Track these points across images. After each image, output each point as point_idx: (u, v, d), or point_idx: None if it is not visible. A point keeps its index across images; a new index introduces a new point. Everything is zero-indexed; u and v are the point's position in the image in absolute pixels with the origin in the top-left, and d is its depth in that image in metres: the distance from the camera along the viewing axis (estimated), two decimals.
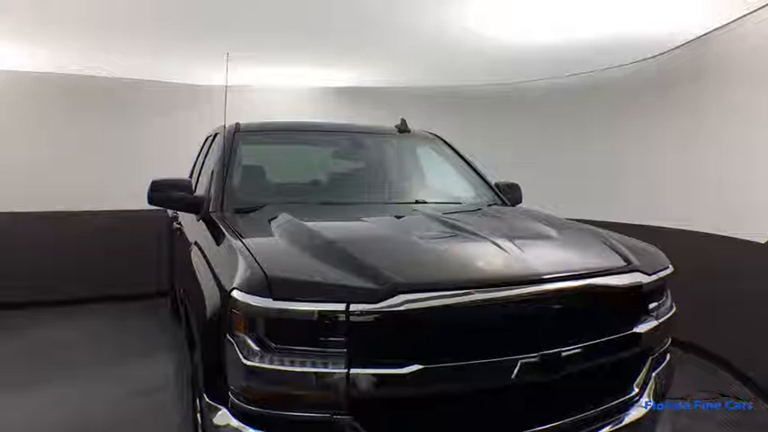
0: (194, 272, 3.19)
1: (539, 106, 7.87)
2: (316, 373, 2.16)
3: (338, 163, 4.77)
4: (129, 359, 5.60)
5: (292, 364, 2.17)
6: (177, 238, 4.76)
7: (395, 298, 2.17)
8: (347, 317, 2.16)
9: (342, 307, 2.16)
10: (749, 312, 4.88)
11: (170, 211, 5.65)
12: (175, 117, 7.92)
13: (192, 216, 3.85)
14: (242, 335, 2.24)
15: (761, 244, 4.77)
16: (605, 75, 7.06)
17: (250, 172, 4.18)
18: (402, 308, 2.16)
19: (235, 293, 2.28)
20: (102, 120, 7.66)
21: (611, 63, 6.79)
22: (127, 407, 4.58)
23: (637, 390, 2.80)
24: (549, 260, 2.68)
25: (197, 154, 5.69)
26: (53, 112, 7.46)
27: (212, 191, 3.70)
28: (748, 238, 4.93)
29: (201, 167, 5.01)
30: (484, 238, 2.82)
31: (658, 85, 6.37)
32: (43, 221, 7.27)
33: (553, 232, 3.11)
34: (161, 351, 5.82)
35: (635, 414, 2.75)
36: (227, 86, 3.82)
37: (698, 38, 5.62)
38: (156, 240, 6.84)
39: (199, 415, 2.97)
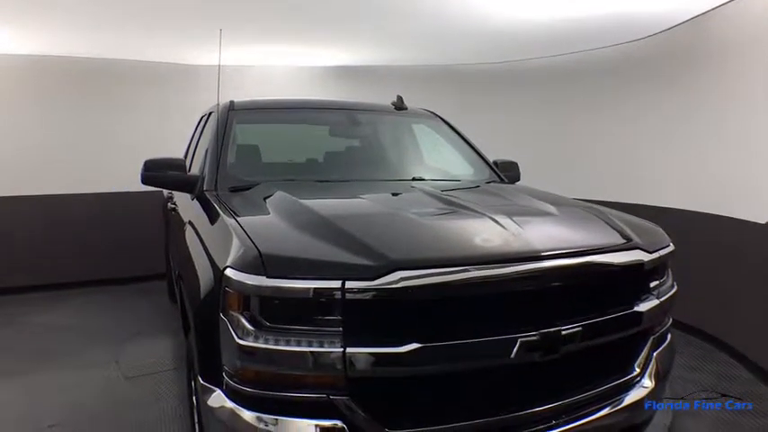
0: (188, 251, 3.14)
1: (538, 85, 7.78)
2: (311, 352, 2.12)
3: (334, 140, 4.70)
4: (125, 342, 5.57)
5: (287, 343, 2.12)
6: (172, 219, 4.72)
7: (392, 275, 2.12)
8: (343, 294, 2.10)
9: (337, 284, 2.10)
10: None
11: (165, 192, 5.61)
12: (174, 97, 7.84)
13: (187, 195, 3.80)
14: (236, 314, 2.19)
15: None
16: (605, 53, 6.98)
17: (245, 150, 4.13)
18: (399, 285, 2.11)
19: (228, 272, 2.23)
20: (94, 102, 7.57)
21: (612, 41, 6.72)
22: (122, 390, 4.56)
23: (638, 370, 2.77)
24: (549, 237, 2.62)
25: (191, 133, 5.63)
26: (40, 96, 7.35)
27: (206, 169, 3.65)
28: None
29: (196, 147, 4.96)
30: (482, 214, 2.77)
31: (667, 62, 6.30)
32: (34, 205, 7.22)
33: (552, 209, 3.05)
34: (158, 334, 5.80)
35: (636, 395, 2.72)
36: (219, 64, 3.76)
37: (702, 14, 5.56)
38: (153, 222, 6.81)
39: (194, 397, 2.94)
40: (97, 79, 7.51)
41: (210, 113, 4.51)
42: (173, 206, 4.66)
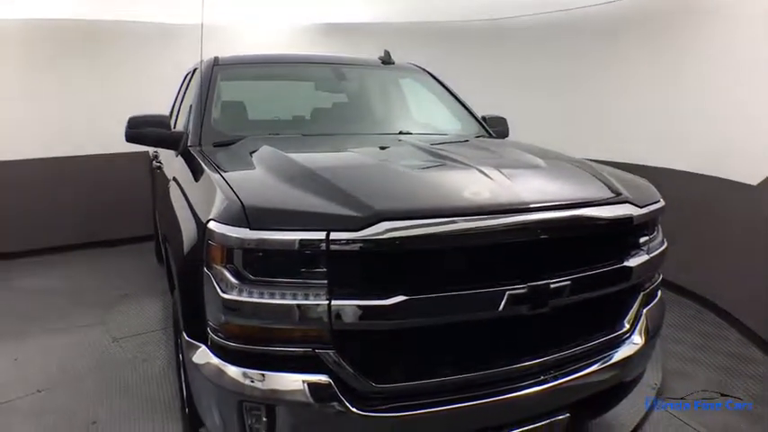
0: (172, 208, 3.09)
1: (527, 42, 7.65)
2: (296, 305, 2.08)
3: (321, 96, 4.62)
4: (112, 305, 5.54)
5: (272, 296, 2.09)
6: (157, 177, 4.66)
7: (377, 226, 2.08)
8: (328, 246, 2.06)
9: (322, 236, 2.06)
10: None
11: (150, 151, 5.53)
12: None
13: (171, 153, 3.74)
14: (219, 267, 2.15)
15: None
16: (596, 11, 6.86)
17: (229, 104, 4.06)
18: (385, 236, 2.06)
19: (211, 224, 2.19)
20: (78, 64, 7.39)
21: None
22: (110, 352, 4.55)
23: (627, 326, 2.75)
24: (538, 189, 2.57)
25: (176, 91, 5.53)
26: (22, 60, 7.16)
27: (190, 125, 3.59)
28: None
29: (180, 105, 4.88)
30: (470, 166, 2.72)
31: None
32: (19, 170, 7.09)
33: (541, 162, 2.99)
34: (146, 296, 5.77)
35: (625, 351, 2.70)
36: (203, 13, 3.67)
37: None
38: (141, 183, 6.75)
39: (180, 355, 2.92)
40: (81, 41, 7.32)
41: (195, 70, 4.43)
42: (158, 164, 4.60)
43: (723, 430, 3.52)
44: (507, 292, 2.23)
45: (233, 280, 2.11)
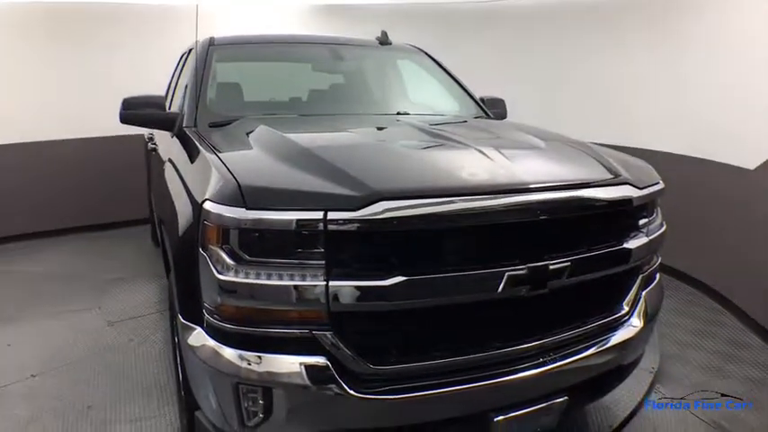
0: (167, 189, 3.06)
1: (525, 25, 7.57)
2: (293, 286, 2.05)
3: (318, 77, 4.57)
4: (108, 288, 5.52)
5: (268, 277, 2.06)
6: (153, 159, 4.62)
7: (375, 205, 2.05)
8: (325, 226, 2.03)
9: (319, 215, 2.02)
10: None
11: (146, 133, 5.49)
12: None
13: (167, 134, 3.69)
14: (215, 248, 2.12)
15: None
16: None
17: (225, 85, 4.01)
18: (383, 216, 2.03)
19: (207, 205, 2.16)
20: (74, 46, 7.30)
21: None
22: (105, 335, 4.53)
23: (626, 309, 2.73)
24: (537, 170, 2.55)
25: (172, 73, 5.48)
26: (18, 42, 7.05)
27: (186, 105, 3.54)
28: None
29: (176, 86, 4.84)
30: (469, 146, 2.68)
31: None
32: (14, 153, 7.01)
33: (541, 143, 2.96)
34: (142, 279, 5.75)
35: (624, 334, 2.68)
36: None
37: None
38: (136, 165, 6.71)
39: (176, 338, 2.89)
40: (76, 22, 7.24)
41: (191, 50, 4.38)
42: (153, 146, 4.56)
43: (721, 416, 3.52)
44: (506, 273, 2.21)
45: (229, 261, 2.08)
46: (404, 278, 2.07)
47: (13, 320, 4.78)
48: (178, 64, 5.25)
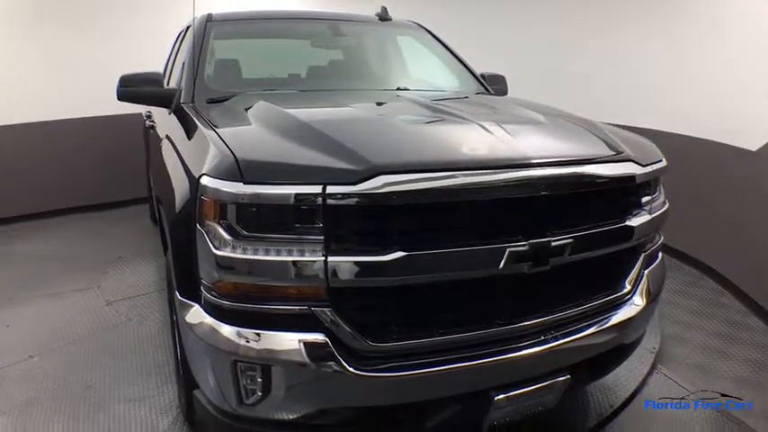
0: (165, 166, 3.03)
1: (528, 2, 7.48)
2: (291, 261, 2.02)
3: (317, 54, 4.53)
4: (107, 268, 5.50)
5: (266, 252, 2.03)
6: (151, 137, 4.59)
7: (375, 179, 2.01)
8: (324, 200, 1.99)
9: (318, 189, 1.99)
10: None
11: (144, 111, 5.45)
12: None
13: (164, 111, 3.67)
14: (212, 223, 2.09)
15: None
16: None
17: (223, 61, 3.97)
18: (383, 190, 2.00)
19: (204, 179, 2.13)
20: (72, 27, 7.22)
21: None
22: (104, 315, 4.52)
23: (628, 287, 2.70)
24: (539, 145, 2.50)
25: (170, 50, 5.43)
26: (17, 24, 6.97)
27: (183, 81, 3.51)
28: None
29: (173, 63, 4.79)
30: (470, 121, 2.65)
31: None
32: (13, 134, 6.96)
33: (543, 119, 2.92)
34: (141, 258, 5.73)
35: (626, 313, 2.65)
36: None
37: None
38: (136, 144, 6.67)
39: (174, 316, 2.87)
40: (74, 3, 7.17)
41: (188, 27, 4.34)
42: (151, 124, 4.53)
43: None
44: (508, 249, 2.17)
45: (226, 236, 2.05)
46: (403, 253, 2.04)
47: (12, 302, 4.76)
48: (176, 41, 5.21)
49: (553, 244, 2.27)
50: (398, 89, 3.80)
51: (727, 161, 5.01)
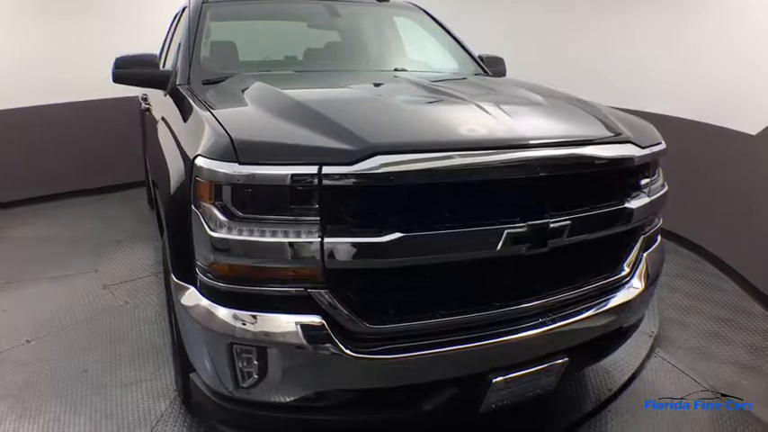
0: (160, 148, 3.00)
1: None
2: (287, 243, 2.00)
3: (313, 34, 4.48)
4: (104, 251, 5.48)
5: (262, 234, 2.00)
6: (147, 119, 4.56)
7: (372, 159, 1.99)
8: (320, 181, 1.97)
9: (314, 170, 1.96)
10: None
11: (140, 94, 5.41)
12: None
13: (160, 93, 3.63)
14: (207, 205, 2.06)
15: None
16: None
17: (219, 43, 3.92)
18: (379, 171, 1.98)
19: (199, 160, 2.10)
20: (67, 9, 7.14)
21: None
22: (101, 298, 4.50)
23: (627, 270, 2.68)
24: (538, 126, 2.48)
25: (166, 32, 5.39)
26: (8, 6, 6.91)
27: (179, 63, 3.47)
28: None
29: (169, 46, 4.75)
30: (468, 101, 2.63)
31: None
32: (10, 118, 6.90)
33: (541, 100, 2.90)
34: (138, 241, 5.72)
35: (625, 295, 2.64)
36: None
37: None
38: (133, 128, 6.63)
39: (170, 298, 2.85)
40: None
41: (184, 9, 4.28)
42: (147, 106, 4.50)
43: (721, 383, 3.50)
44: (506, 231, 2.15)
45: (222, 217, 2.03)
46: (400, 235, 2.02)
47: (9, 286, 4.74)
48: (172, 23, 5.16)
49: (551, 226, 2.25)
50: (396, 70, 3.77)
51: (726, 145, 4.98)
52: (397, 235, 2.01)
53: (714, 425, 3.14)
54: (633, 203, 2.57)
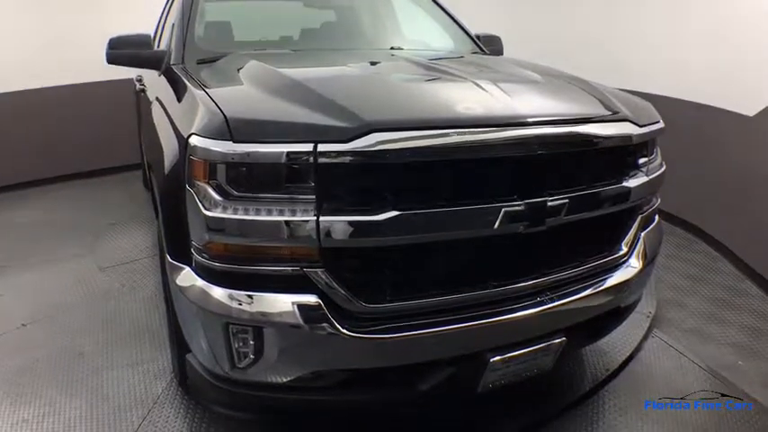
0: (155, 128, 2.98)
1: None
2: (283, 221, 1.98)
3: (309, 14, 4.45)
4: (100, 234, 5.46)
5: (257, 213, 1.98)
6: (141, 101, 4.52)
7: (367, 137, 1.96)
8: (315, 158, 1.95)
9: (309, 148, 1.94)
10: None
11: (135, 75, 5.38)
12: None
13: (154, 73, 3.60)
14: (202, 184, 2.04)
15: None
16: None
17: (214, 23, 3.89)
18: (375, 148, 1.95)
19: (193, 139, 2.08)
20: None
21: None
22: (97, 281, 4.49)
23: (625, 249, 2.67)
24: (536, 104, 2.46)
25: (160, 14, 5.34)
26: None
27: (173, 42, 3.44)
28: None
29: (164, 27, 4.71)
30: (465, 79, 2.60)
31: None
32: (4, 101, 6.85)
33: (539, 78, 2.88)
34: (134, 224, 5.71)
35: (622, 275, 2.63)
36: None
37: None
38: (128, 110, 6.58)
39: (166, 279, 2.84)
40: None
41: None
42: (141, 87, 4.46)
43: (718, 364, 3.50)
44: (503, 209, 2.14)
45: (216, 197, 2.01)
46: (397, 213, 2.00)
47: (4, 270, 4.72)
48: (166, 4, 5.11)
49: (549, 204, 2.23)
50: (392, 49, 3.73)
51: (723, 126, 4.96)
52: (394, 213, 2.00)
53: (714, 415, 3.14)
54: (631, 182, 2.55)
